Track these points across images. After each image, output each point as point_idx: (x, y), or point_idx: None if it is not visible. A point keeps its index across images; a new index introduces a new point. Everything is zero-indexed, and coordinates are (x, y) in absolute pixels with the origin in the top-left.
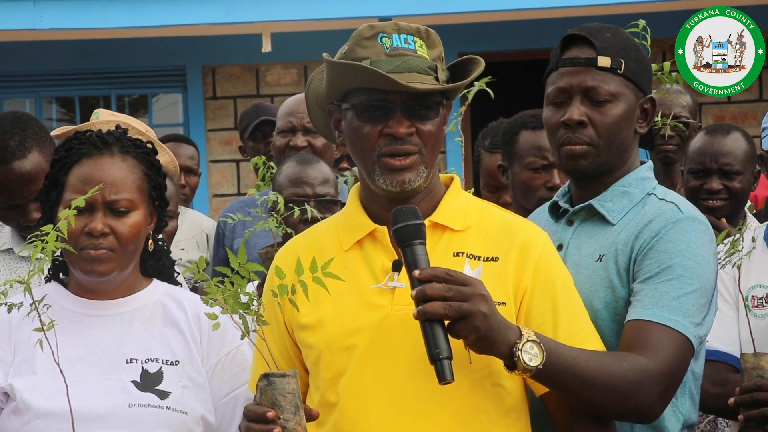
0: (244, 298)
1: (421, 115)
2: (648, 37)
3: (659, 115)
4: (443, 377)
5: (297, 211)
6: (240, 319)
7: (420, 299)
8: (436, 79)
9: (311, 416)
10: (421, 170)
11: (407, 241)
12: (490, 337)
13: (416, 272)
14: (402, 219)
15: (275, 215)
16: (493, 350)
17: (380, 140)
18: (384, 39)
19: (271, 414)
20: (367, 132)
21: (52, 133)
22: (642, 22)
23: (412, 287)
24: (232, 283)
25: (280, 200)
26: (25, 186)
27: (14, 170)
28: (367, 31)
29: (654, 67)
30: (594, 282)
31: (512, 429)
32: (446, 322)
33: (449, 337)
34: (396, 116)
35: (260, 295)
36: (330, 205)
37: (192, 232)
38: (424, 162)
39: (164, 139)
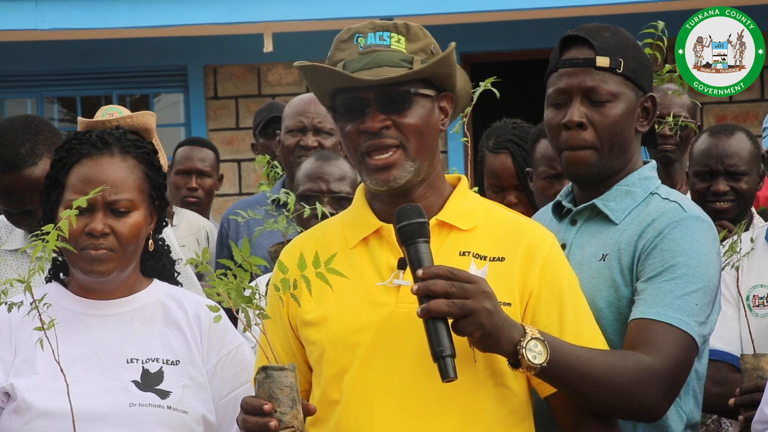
0: (246, 292)
1: (396, 108)
2: (665, 39)
3: (671, 116)
4: (446, 375)
5: (307, 210)
6: (242, 312)
7: (422, 295)
8: (411, 70)
9: (309, 411)
10: (406, 165)
11: (411, 240)
12: (494, 335)
13: (419, 271)
14: (406, 217)
15: (286, 213)
16: (497, 348)
17: (360, 138)
18: (359, 39)
19: (267, 407)
20: (348, 131)
21: (80, 121)
22: (661, 24)
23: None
24: (235, 276)
25: (291, 199)
26: (35, 192)
27: (25, 177)
28: (345, 33)
29: (667, 67)
30: (597, 281)
31: (517, 430)
32: (450, 321)
33: (453, 335)
34: (370, 112)
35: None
36: (344, 202)
37: (190, 230)
38: (409, 156)
39: (182, 143)
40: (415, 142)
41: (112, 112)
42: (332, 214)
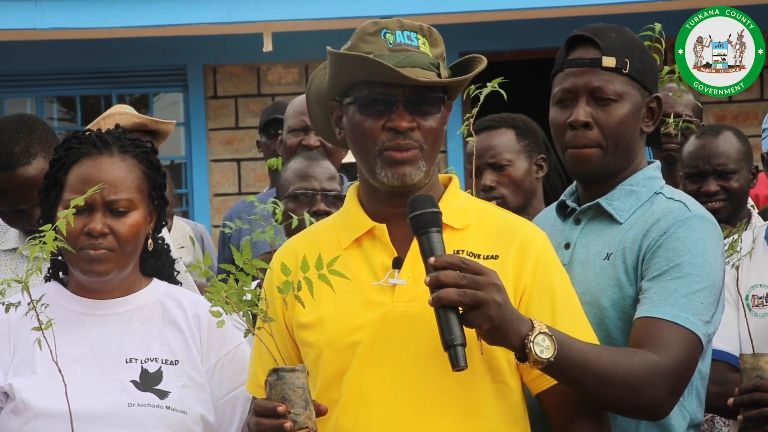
0: (248, 296)
1: (422, 111)
2: (663, 41)
3: (671, 117)
4: (457, 364)
5: (295, 221)
6: (244, 316)
7: (434, 285)
8: (438, 75)
9: (320, 411)
10: (421, 164)
11: (424, 229)
12: (503, 328)
13: (432, 259)
14: (420, 207)
15: (274, 222)
16: (505, 341)
17: (382, 134)
18: (387, 35)
19: (281, 408)
20: (368, 126)
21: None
22: (658, 26)
23: (427, 274)
24: (237, 281)
25: (279, 210)
26: (28, 192)
27: (18, 176)
28: (371, 27)
29: (666, 68)
30: (601, 280)
31: (514, 427)
32: (460, 311)
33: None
34: (398, 110)
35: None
36: (336, 200)
37: (177, 234)
38: (424, 157)
39: None
40: (431, 146)
41: (132, 112)
42: (325, 213)
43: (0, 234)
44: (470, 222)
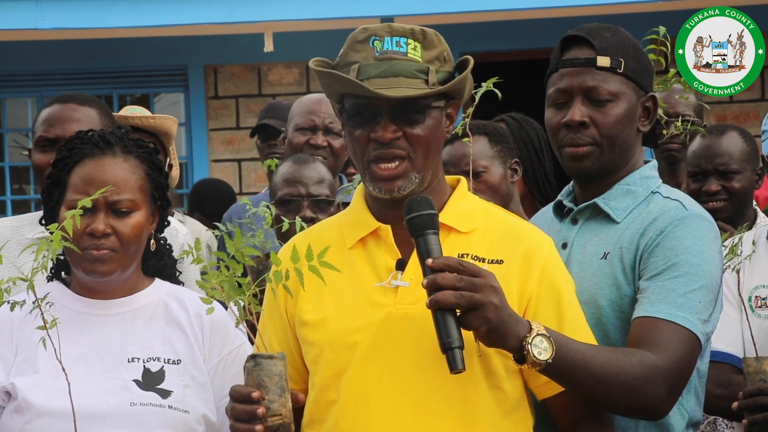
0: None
1: (408, 120)
2: (668, 43)
3: (679, 120)
4: (455, 366)
5: (286, 224)
6: (236, 305)
7: (431, 288)
8: (426, 82)
9: (297, 400)
10: (412, 176)
11: (420, 231)
12: (501, 330)
13: (429, 261)
14: (416, 209)
15: (265, 226)
16: (503, 343)
17: (369, 145)
18: (376, 42)
19: (255, 394)
20: (357, 136)
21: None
22: (662, 29)
23: (425, 276)
24: (228, 268)
25: (269, 215)
26: (63, 122)
27: (65, 109)
28: (361, 34)
29: (672, 71)
30: (599, 280)
31: (514, 430)
32: (458, 313)
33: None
34: (382, 121)
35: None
36: (324, 205)
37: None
38: (415, 167)
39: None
40: (422, 154)
41: (134, 112)
42: (312, 219)
43: (13, 234)
44: (476, 226)
